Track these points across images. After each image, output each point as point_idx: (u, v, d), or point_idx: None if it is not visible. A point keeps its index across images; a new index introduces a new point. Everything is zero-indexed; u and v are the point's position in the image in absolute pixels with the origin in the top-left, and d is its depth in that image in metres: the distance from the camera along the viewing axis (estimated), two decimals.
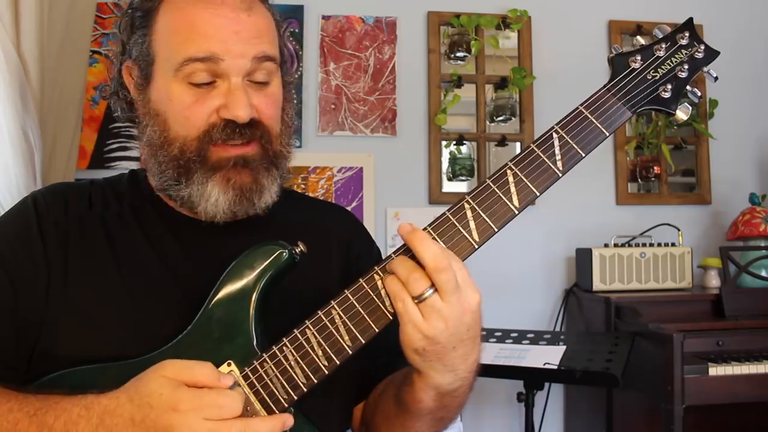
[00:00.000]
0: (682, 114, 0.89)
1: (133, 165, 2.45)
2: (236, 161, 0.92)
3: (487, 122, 2.73)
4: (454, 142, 2.68)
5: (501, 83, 2.69)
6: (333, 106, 2.62)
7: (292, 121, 1.02)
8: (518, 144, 2.73)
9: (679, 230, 2.50)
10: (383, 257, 1.14)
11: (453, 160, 2.68)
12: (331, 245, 1.06)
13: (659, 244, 2.43)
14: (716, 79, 0.91)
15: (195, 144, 0.92)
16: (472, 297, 0.79)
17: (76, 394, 0.80)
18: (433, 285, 0.78)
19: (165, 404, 0.74)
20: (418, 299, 0.78)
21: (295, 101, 1.07)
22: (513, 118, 2.71)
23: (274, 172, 0.96)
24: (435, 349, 0.79)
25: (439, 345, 0.79)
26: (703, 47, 0.90)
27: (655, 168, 2.71)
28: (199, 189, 0.92)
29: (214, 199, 0.92)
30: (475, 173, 2.68)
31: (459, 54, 2.68)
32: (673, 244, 2.44)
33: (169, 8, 0.94)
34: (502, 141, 2.71)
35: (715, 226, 2.77)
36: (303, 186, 2.57)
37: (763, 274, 2.34)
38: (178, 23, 0.92)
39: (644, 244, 2.45)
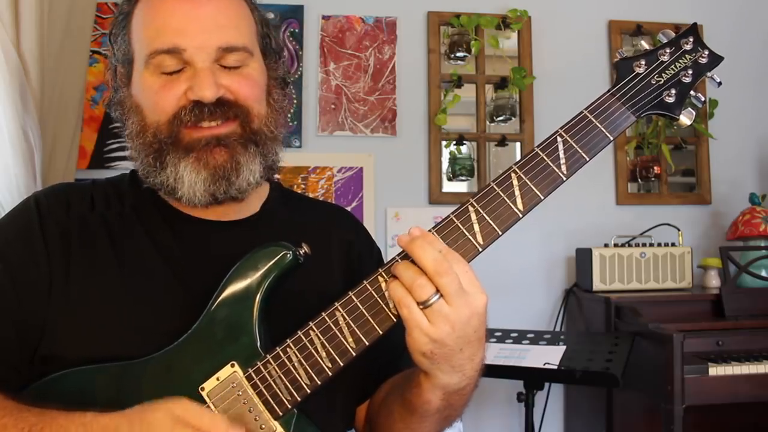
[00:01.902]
0: (685, 119, 0.89)
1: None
2: (208, 141, 0.92)
3: (487, 122, 2.73)
4: (454, 142, 2.68)
5: (501, 83, 2.69)
6: (333, 106, 2.62)
7: (279, 105, 1.02)
8: (518, 144, 2.73)
9: (679, 230, 2.50)
10: (383, 257, 1.15)
11: (453, 160, 2.68)
12: (332, 246, 1.06)
13: (659, 244, 2.44)
14: (720, 84, 0.91)
15: (166, 127, 0.93)
16: (479, 299, 0.79)
17: (74, 410, 0.79)
18: (438, 290, 0.77)
19: None
20: (424, 305, 0.78)
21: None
22: (513, 118, 2.71)
23: (253, 149, 0.95)
24: (443, 352, 0.79)
25: (446, 347, 0.79)
26: (707, 52, 0.90)
27: (655, 168, 2.71)
28: (173, 171, 0.93)
29: (188, 180, 0.92)
30: (475, 173, 2.68)
31: (459, 54, 2.68)
32: (673, 244, 2.44)
33: (141, 6, 0.96)
34: (502, 141, 2.71)
35: (715, 226, 2.77)
36: (303, 186, 2.56)
37: (763, 274, 2.34)
38: (146, 18, 0.95)
39: (644, 244, 2.45)
